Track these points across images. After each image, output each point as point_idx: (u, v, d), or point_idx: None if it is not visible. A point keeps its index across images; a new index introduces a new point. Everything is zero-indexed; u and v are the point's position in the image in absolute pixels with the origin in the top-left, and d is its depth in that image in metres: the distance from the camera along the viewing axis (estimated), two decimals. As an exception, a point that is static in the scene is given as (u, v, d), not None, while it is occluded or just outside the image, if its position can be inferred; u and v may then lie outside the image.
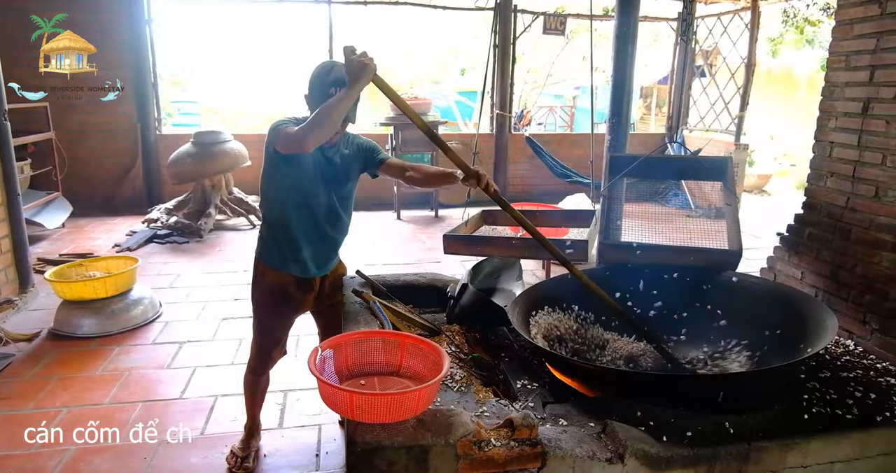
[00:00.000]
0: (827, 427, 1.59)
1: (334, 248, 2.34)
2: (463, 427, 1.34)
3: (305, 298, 2.36)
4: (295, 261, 2.25)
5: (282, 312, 2.36)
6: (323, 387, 1.26)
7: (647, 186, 7.90)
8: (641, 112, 14.58)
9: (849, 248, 2.09)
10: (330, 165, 2.21)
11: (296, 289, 2.31)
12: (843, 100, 2.10)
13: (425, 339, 1.55)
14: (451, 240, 2.51)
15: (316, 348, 1.41)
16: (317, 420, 2.82)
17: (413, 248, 6.01)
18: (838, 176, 2.14)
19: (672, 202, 8.02)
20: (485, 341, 2.09)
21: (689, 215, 7.47)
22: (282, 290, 2.30)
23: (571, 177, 7.58)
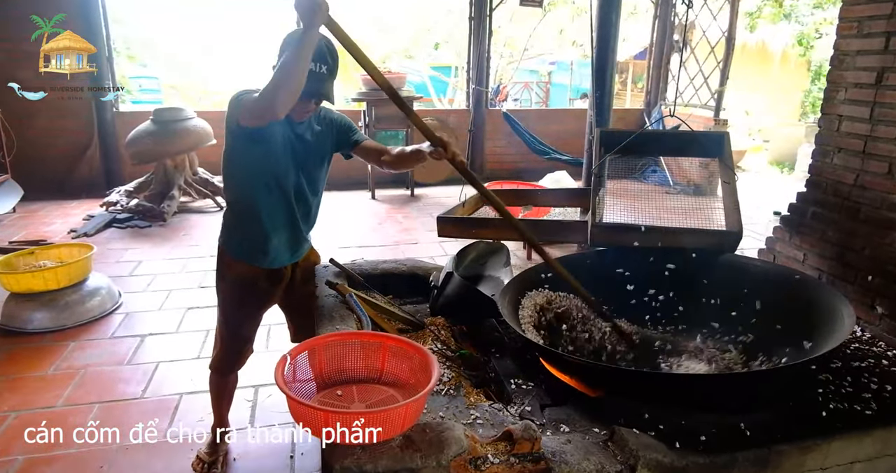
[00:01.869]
0: (847, 426, 1.47)
1: (304, 235, 2.15)
2: (456, 444, 1.17)
3: (275, 291, 2.16)
4: (263, 251, 2.05)
5: (250, 307, 2.16)
6: (292, 405, 1.08)
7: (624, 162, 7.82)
8: (617, 87, 14.44)
9: (857, 229, 1.97)
10: (301, 143, 2.00)
11: (265, 282, 2.11)
12: (854, 69, 1.95)
13: (409, 341, 1.37)
14: (446, 223, 2.32)
15: (284, 356, 1.22)
16: (291, 417, 2.64)
17: (389, 229, 5.80)
18: (847, 151, 2.00)
19: (650, 178, 7.94)
20: (473, 335, 1.92)
21: (668, 192, 7.40)
22: (250, 284, 2.09)
23: (550, 153, 7.42)
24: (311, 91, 1.85)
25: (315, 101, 1.93)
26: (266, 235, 2.03)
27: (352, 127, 2.18)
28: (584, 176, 4.77)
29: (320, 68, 1.82)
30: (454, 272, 1.93)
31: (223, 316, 2.20)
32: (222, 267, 2.15)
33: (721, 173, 2.44)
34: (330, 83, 1.89)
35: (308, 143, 2.01)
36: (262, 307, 2.22)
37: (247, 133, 1.85)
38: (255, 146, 1.92)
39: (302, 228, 2.12)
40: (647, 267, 2.17)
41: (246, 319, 2.20)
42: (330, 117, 2.11)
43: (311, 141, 2.02)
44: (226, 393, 2.38)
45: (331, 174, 2.18)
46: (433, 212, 6.11)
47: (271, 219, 2.02)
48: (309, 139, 2.02)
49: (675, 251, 2.15)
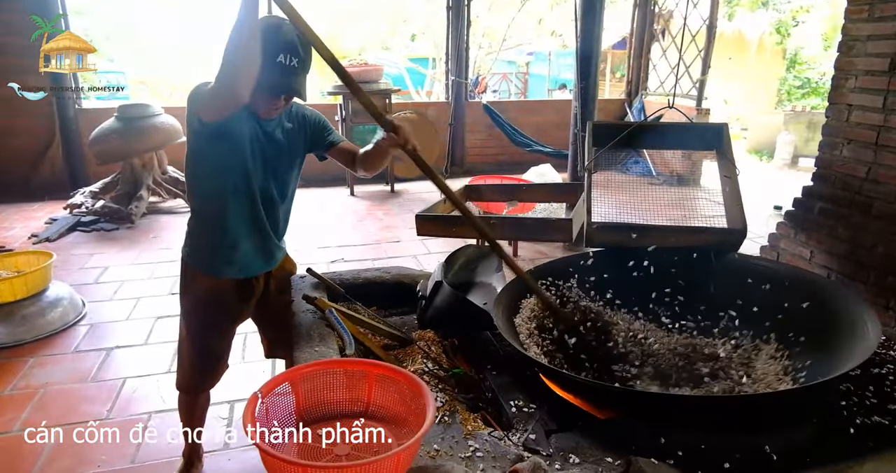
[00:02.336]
0: (878, 444, 1.35)
1: (275, 242, 1.97)
2: (458, 491, 1.02)
3: (246, 304, 1.99)
4: (231, 262, 1.88)
5: (220, 323, 1.98)
6: (265, 459, 0.91)
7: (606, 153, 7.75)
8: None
9: (869, 224, 1.86)
10: (271, 142, 1.82)
11: (234, 295, 1.93)
12: (865, 56, 1.83)
13: (398, 369, 1.21)
14: (424, 221, 2.16)
15: (254, 394, 1.05)
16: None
17: (370, 227, 5.62)
18: (857, 143, 1.89)
19: (633, 170, 7.86)
20: (465, 349, 1.77)
21: (652, 183, 7.32)
22: (218, 298, 1.91)
23: (532, 145, 7.30)
24: (281, 86, 1.67)
25: (285, 98, 1.76)
26: (232, 244, 1.86)
27: (327, 126, 2.00)
28: (570, 169, 4.65)
29: (290, 61, 1.64)
30: (443, 281, 1.77)
31: (189, 332, 2.02)
32: (186, 279, 1.97)
33: (720, 166, 2.32)
34: (302, 78, 1.71)
35: (278, 143, 1.84)
36: (234, 322, 2.05)
37: (210, 130, 1.67)
38: (219, 145, 1.74)
39: (272, 235, 1.95)
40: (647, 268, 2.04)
41: (216, 336, 2.02)
42: (303, 114, 1.94)
43: (281, 140, 1.85)
44: (196, 413, 2.19)
45: (307, 169, 2.01)
46: (414, 208, 5.94)
47: (238, 225, 1.85)
48: (279, 138, 1.84)
49: (675, 251, 2.02)
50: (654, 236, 2.11)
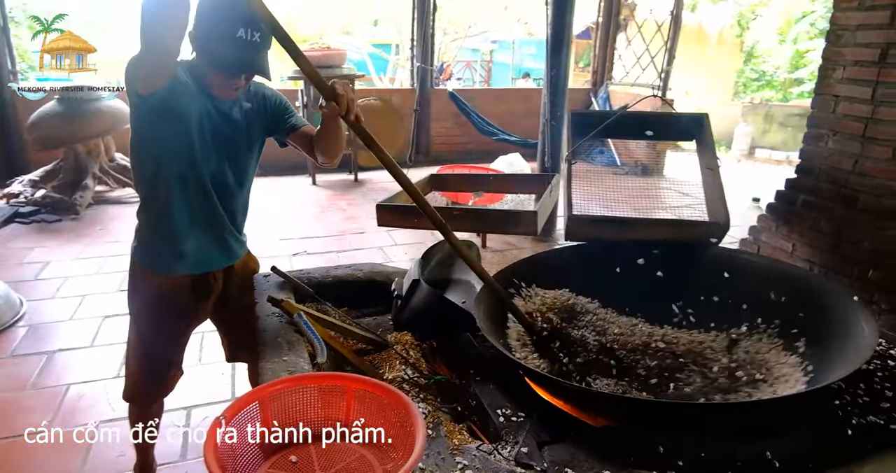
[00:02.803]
0: (877, 445, 1.31)
1: (234, 234, 1.81)
2: (452, 523, 0.91)
3: (202, 304, 1.82)
4: (181, 257, 1.71)
5: (173, 326, 1.81)
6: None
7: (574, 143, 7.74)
8: (558, 67, 14.41)
9: (855, 218, 1.83)
10: (227, 123, 1.66)
11: (189, 294, 1.77)
12: (854, 46, 1.78)
13: (380, 384, 1.09)
14: (385, 211, 2.03)
15: (217, 419, 0.91)
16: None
17: (333, 217, 5.44)
18: (844, 135, 1.85)
19: (598, 160, 7.87)
20: (445, 353, 1.65)
21: (616, 172, 7.35)
22: (170, 297, 1.75)
23: (498, 134, 7.21)
24: (242, 62, 1.51)
25: (245, 76, 1.59)
26: (183, 237, 1.70)
27: (288, 108, 1.85)
28: (539, 159, 4.57)
29: (251, 35, 1.48)
30: (421, 279, 1.64)
31: (138, 336, 1.85)
32: (135, 279, 1.79)
33: (701, 158, 2.26)
34: (264, 54, 1.56)
35: (235, 124, 1.68)
36: (189, 324, 1.88)
37: (150, 105, 1.50)
38: (164, 125, 1.57)
39: (229, 226, 1.79)
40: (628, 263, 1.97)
41: (168, 340, 1.85)
42: (263, 94, 1.77)
43: (238, 120, 1.68)
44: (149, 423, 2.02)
45: (266, 157, 1.86)
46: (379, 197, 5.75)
47: (188, 216, 1.69)
48: (236, 118, 1.68)
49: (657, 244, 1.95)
50: (635, 229, 2.04)
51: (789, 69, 12.98)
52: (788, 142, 9.67)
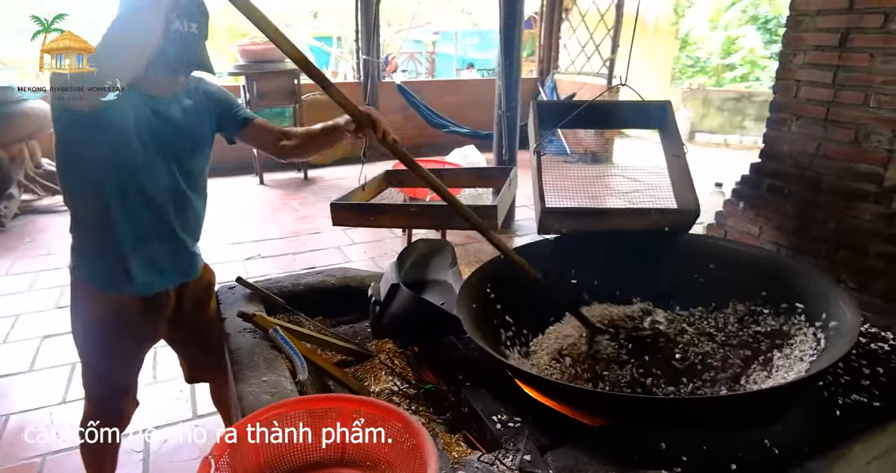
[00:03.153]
0: (865, 423, 1.33)
1: (187, 247, 1.66)
2: (472, 550, 0.85)
3: (154, 325, 1.68)
4: (129, 275, 1.55)
5: (123, 349, 1.66)
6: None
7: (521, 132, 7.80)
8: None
9: (819, 200, 1.87)
10: (166, 124, 1.51)
11: (139, 315, 1.62)
12: (815, 31, 1.81)
13: (379, 403, 1.01)
14: (340, 210, 1.94)
15: (206, 459, 0.81)
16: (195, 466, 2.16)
17: (285, 218, 5.25)
18: (807, 119, 1.88)
19: (548, 148, 7.91)
20: (429, 359, 1.59)
21: (567, 161, 7.43)
22: (118, 319, 1.59)
23: (448, 126, 7.16)
24: (182, 58, 1.38)
25: (185, 73, 1.47)
26: (128, 254, 1.54)
27: (235, 102, 1.72)
28: (496, 150, 4.54)
29: (188, 27, 1.36)
30: (400, 284, 1.57)
31: (86, 362, 1.70)
32: (78, 299, 1.62)
33: (666, 146, 2.27)
34: (203, 45, 1.43)
35: (176, 124, 1.53)
36: (140, 347, 1.73)
37: (80, 119, 1.35)
38: (95, 135, 1.42)
39: (183, 238, 1.64)
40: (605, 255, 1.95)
41: (119, 365, 1.70)
42: (205, 89, 1.64)
43: (179, 120, 1.54)
44: (106, 458, 1.86)
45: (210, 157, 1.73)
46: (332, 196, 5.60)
47: (134, 231, 1.53)
48: (177, 118, 1.53)
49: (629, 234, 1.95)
50: (608, 220, 2.02)
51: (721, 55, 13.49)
52: (725, 126, 10.05)
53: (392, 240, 4.69)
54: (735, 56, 13.23)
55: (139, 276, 1.59)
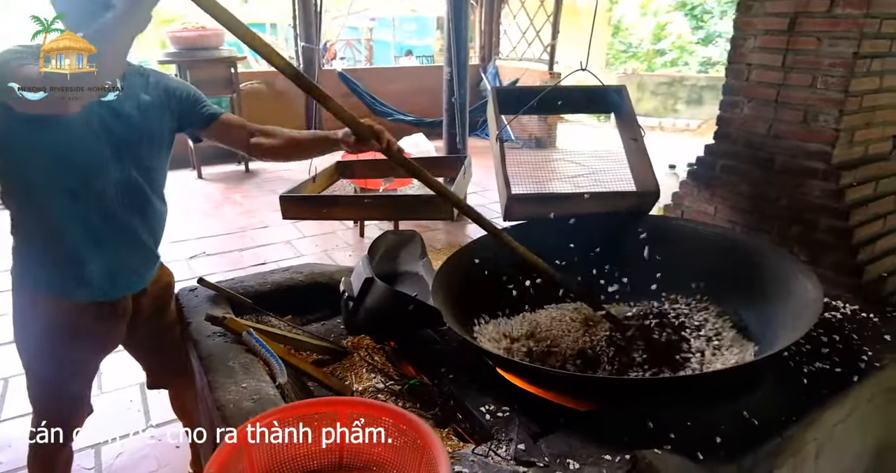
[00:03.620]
0: (831, 390, 1.41)
1: (148, 249, 1.57)
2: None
3: (111, 331, 1.57)
4: (83, 280, 1.45)
5: (76, 358, 1.55)
6: None
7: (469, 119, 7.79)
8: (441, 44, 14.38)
9: (772, 178, 1.95)
10: (119, 120, 1.41)
11: (96, 321, 1.51)
12: (764, 15, 1.87)
13: (375, 403, 0.98)
14: (290, 203, 1.88)
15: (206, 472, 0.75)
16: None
17: (229, 213, 5.05)
18: (758, 101, 1.95)
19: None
20: (409, 353, 1.55)
21: (512, 147, 7.49)
22: (72, 326, 1.49)
23: (393, 114, 7.07)
24: None
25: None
26: (83, 257, 1.44)
27: (200, 98, 1.62)
28: (446, 138, 4.50)
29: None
30: (374, 278, 1.52)
31: (34, 377, 1.57)
32: (22, 305, 1.50)
33: (623, 130, 2.30)
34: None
35: (130, 120, 1.43)
36: (97, 355, 1.62)
37: (24, 117, 1.23)
38: (40, 134, 1.31)
39: (144, 239, 1.55)
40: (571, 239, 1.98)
41: (71, 375, 1.58)
42: (165, 84, 1.54)
43: (134, 116, 1.44)
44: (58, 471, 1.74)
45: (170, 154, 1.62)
46: (276, 188, 5.43)
47: (88, 233, 1.44)
48: (131, 114, 1.43)
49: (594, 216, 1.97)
50: (572, 204, 2.03)
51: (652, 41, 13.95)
52: (659, 109, 10.42)
53: (344, 232, 4.59)
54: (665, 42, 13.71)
55: (95, 281, 1.48)
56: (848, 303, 1.81)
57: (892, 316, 1.77)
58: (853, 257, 1.80)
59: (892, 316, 1.77)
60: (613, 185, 2.11)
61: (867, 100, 1.80)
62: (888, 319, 1.75)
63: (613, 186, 2.09)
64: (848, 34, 1.68)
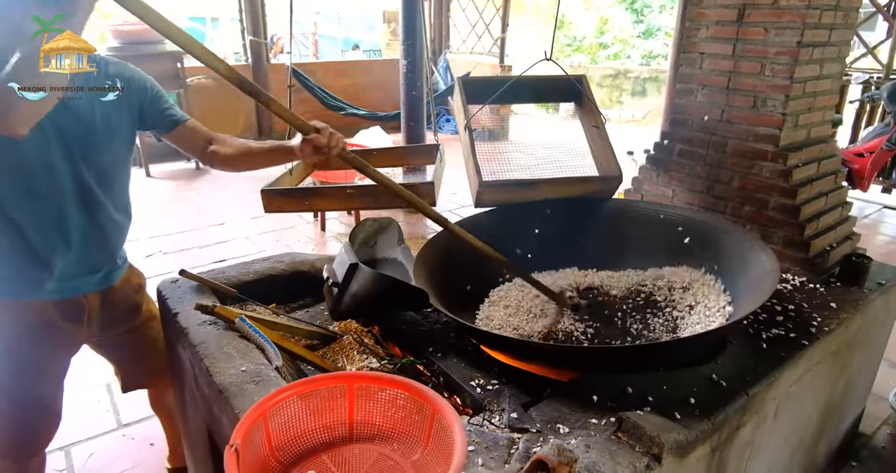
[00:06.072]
0: (788, 352, 1.53)
1: (106, 252, 1.55)
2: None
3: (77, 330, 1.55)
4: (37, 280, 1.44)
5: (43, 361, 1.51)
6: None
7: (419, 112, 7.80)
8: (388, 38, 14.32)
9: (725, 161, 2.08)
10: (75, 119, 1.39)
11: (57, 321, 1.49)
12: (715, 7, 1.99)
13: (383, 375, 1.01)
14: (272, 195, 1.88)
15: (230, 450, 0.78)
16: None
17: (184, 212, 4.91)
18: (711, 88, 2.07)
19: (445, 128, 8.02)
20: (394, 335, 1.59)
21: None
22: (34, 328, 1.46)
23: (346, 108, 7.00)
24: None
25: None
26: (37, 258, 1.43)
27: (163, 97, 1.58)
28: (405, 130, 4.53)
29: None
30: (360, 263, 1.55)
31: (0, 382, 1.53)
32: None
33: (583, 118, 2.40)
34: None
35: (88, 119, 1.40)
36: (62, 356, 1.59)
37: None
38: None
39: (97, 242, 1.52)
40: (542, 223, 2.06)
41: (36, 380, 1.55)
42: (126, 75, 1.50)
43: (92, 114, 1.41)
44: None
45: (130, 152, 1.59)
46: (230, 185, 5.35)
47: (43, 235, 1.42)
48: (90, 112, 1.40)
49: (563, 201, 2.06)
50: (540, 189, 2.11)
51: (595, 35, 14.32)
52: (605, 101, 10.72)
53: (304, 226, 4.55)
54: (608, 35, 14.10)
55: (47, 282, 1.45)
56: (797, 275, 1.96)
57: (836, 286, 1.92)
58: (801, 233, 1.95)
59: (835, 286, 1.93)
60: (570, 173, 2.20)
61: (809, 86, 1.95)
62: (832, 289, 1.91)
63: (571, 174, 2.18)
64: (792, 25, 1.81)
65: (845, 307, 1.79)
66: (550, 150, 2.54)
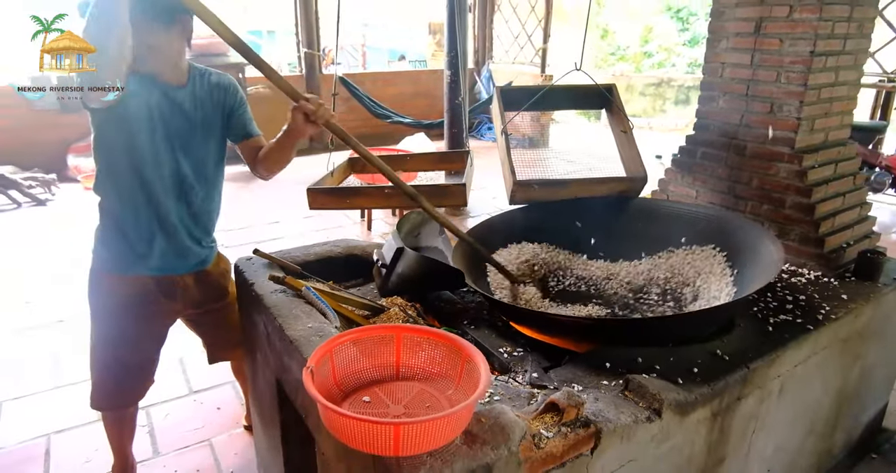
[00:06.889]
0: (793, 336, 1.67)
1: (197, 240, 1.79)
2: (518, 427, 1.09)
3: (172, 305, 1.81)
4: (141, 258, 1.69)
5: (139, 329, 1.78)
6: (348, 424, 0.90)
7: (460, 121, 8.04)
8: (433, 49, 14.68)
9: (744, 163, 2.22)
10: (178, 114, 1.64)
11: (156, 295, 1.75)
12: (734, 20, 2.15)
13: (426, 328, 1.24)
14: (317, 194, 2.12)
15: (306, 370, 1.01)
16: (201, 434, 2.31)
17: (241, 210, 5.28)
18: (731, 95, 2.22)
19: (486, 135, 8.25)
20: (434, 310, 1.81)
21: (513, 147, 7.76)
22: (133, 300, 1.73)
23: (392, 117, 7.31)
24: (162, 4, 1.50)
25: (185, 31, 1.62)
26: (138, 238, 1.68)
27: (248, 109, 1.81)
28: (448, 137, 4.77)
29: None
30: (406, 247, 1.78)
31: (103, 342, 1.80)
32: (93, 281, 1.75)
33: (613, 123, 2.57)
34: None
35: (187, 115, 1.65)
36: (156, 326, 1.85)
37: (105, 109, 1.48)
38: (111, 124, 1.56)
39: (190, 229, 1.76)
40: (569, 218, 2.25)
41: (136, 344, 1.81)
42: (216, 82, 1.76)
43: (190, 111, 1.66)
44: (126, 426, 1.98)
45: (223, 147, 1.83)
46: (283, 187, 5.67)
47: (140, 218, 1.66)
48: (188, 109, 1.65)
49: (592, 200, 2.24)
50: (570, 188, 2.29)
51: (640, 43, 14.30)
52: (648, 110, 10.74)
53: (352, 227, 4.84)
54: (652, 44, 14.06)
55: (147, 259, 1.71)
56: (812, 270, 2.08)
57: (850, 281, 2.04)
58: (816, 230, 2.08)
59: (850, 280, 2.05)
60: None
61: (825, 92, 2.08)
62: (846, 283, 2.02)
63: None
64: (805, 35, 1.96)
65: (856, 298, 1.91)
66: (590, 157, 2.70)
